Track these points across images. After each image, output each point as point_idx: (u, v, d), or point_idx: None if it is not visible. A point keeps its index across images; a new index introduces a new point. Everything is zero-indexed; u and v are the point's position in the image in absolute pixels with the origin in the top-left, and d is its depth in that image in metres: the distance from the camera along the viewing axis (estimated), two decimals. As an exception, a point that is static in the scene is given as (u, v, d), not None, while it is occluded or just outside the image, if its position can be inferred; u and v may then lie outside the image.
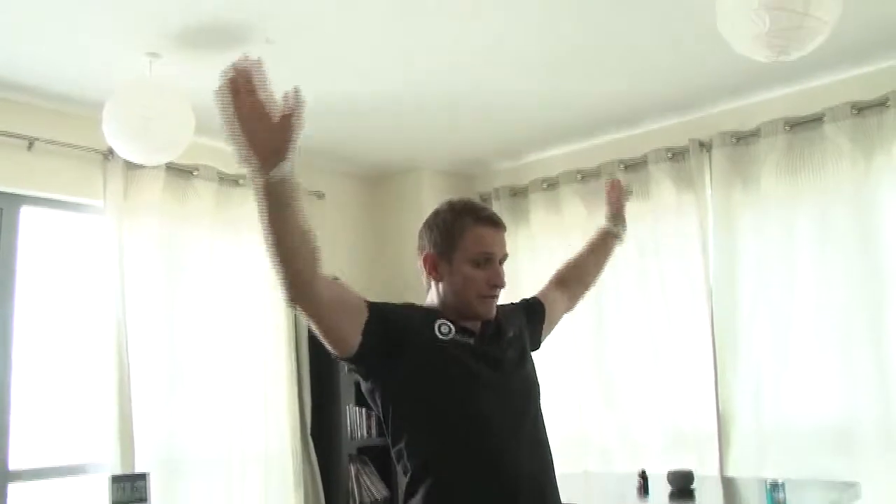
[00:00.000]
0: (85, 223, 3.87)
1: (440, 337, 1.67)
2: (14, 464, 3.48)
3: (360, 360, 1.63)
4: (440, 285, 1.75)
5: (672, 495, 3.15)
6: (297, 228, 1.43)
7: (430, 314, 1.73)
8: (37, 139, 3.57)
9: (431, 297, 1.78)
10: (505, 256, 1.77)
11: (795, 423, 3.83)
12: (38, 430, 3.64)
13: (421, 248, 1.79)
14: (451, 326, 1.69)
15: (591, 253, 2.28)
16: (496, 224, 1.75)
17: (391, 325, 1.63)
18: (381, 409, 1.69)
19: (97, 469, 3.70)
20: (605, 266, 2.30)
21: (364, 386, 1.72)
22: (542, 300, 2.07)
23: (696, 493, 3.16)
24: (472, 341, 1.70)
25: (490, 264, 1.72)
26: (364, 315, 1.59)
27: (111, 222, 3.75)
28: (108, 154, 3.73)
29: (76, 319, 3.83)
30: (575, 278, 2.19)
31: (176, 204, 4.04)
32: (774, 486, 2.59)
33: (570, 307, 2.18)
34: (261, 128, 1.30)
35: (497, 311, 1.81)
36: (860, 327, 3.67)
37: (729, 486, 3.56)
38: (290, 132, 1.33)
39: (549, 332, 2.08)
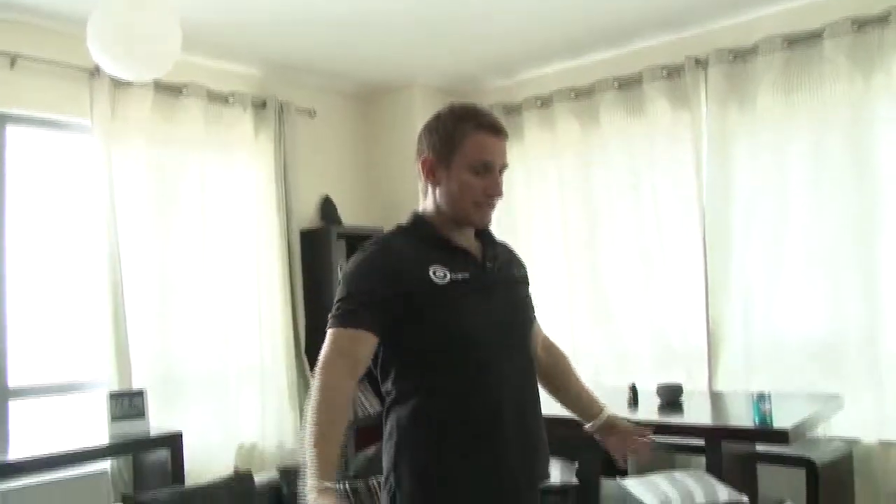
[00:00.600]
0: (73, 142, 3.82)
1: (436, 281, 1.63)
2: (13, 381, 3.52)
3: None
4: (437, 190, 1.72)
5: (661, 408, 3.24)
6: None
7: (422, 256, 1.67)
8: (20, 56, 3.49)
9: (428, 202, 1.75)
10: (504, 166, 1.72)
11: (783, 339, 3.90)
12: (35, 349, 3.67)
13: (420, 152, 1.74)
14: (447, 271, 1.65)
15: (570, 390, 2.03)
16: (498, 131, 1.70)
17: (389, 312, 1.62)
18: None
19: (94, 386, 3.76)
20: (551, 393, 2.00)
21: None
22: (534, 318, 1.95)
23: (685, 406, 3.24)
24: (468, 275, 1.67)
25: (489, 173, 1.68)
26: (371, 338, 1.61)
27: (99, 141, 3.70)
28: (95, 71, 3.65)
29: (68, 239, 3.83)
30: (552, 372, 1.98)
31: (164, 123, 3.99)
32: (761, 398, 2.66)
33: None
34: None
35: (504, 247, 1.83)
36: (849, 247, 3.69)
37: (716, 399, 3.65)
38: None
39: None
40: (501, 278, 1.75)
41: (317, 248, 4.59)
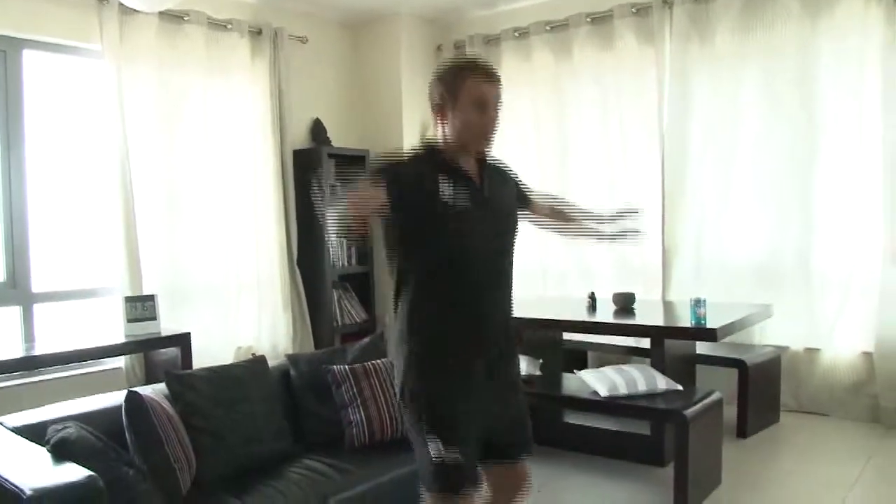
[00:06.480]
0: (84, 66, 4.09)
1: (443, 191, 2.02)
2: (36, 287, 3.90)
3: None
4: (445, 127, 2.12)
5: (616, 312, 3.69)
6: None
7: (434, 174, 2.06)
8: (34, -18, 3.73)
9: (438, 134, 2.16)
10: (497, 99, 2.12)
11: (730, 258, 4.38)
12: (56, 258, 4.02)
13: (431, 99, 2.15)
14: (451, 186, 2.04)
15: (569, 224, 2.59)
16: (490, 76, 2.11)
17: (401, 186, 1.99)
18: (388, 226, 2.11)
19: (109, 293, 4.14)
20: (563, 224, 2.60)
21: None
22: (530, 199, 2.45)
23: (636, 311, 3.70)
24: (467, 193, 2.06)
25: (485, 110, 2.08)
26: (384, 194, 1.97)
27: (109, 65, 3.98)
28: (103, -1, 3.92)
29: (83, 157, 4.12)
30: (555, 217, 2.55)
31: (169, 48, 4.26)
32: (697, 302, 3.10)
33: (536, 223, 2.56)
34: None
35: (500, 166, 2.23)
36: (791, 176, 4.15)
37: (667, 307, 4.11)
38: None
39: None
40: (493, 196, 2.17)
41: (308, 167, 4.93)
